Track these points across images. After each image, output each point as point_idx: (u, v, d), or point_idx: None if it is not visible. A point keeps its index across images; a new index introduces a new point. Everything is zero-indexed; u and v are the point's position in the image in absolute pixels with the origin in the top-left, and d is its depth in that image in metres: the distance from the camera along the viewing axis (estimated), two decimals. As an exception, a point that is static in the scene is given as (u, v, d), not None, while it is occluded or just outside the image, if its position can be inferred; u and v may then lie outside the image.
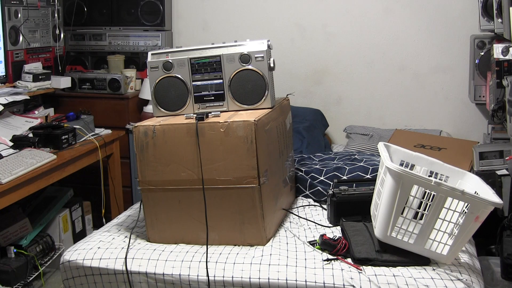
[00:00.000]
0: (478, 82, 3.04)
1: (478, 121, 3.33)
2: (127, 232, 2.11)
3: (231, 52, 2.08)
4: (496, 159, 2.50)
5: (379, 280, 1.70)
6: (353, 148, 3.14)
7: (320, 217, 2.23)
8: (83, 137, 2.85)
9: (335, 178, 2.39)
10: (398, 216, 1.75)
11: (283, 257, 1.84)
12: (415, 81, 3.40)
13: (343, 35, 3.46)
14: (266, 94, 2.07)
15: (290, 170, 2.39)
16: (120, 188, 3.22)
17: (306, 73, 3.56)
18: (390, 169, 1.71)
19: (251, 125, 1.88)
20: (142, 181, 1.99)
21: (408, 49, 3.37)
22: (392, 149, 2.02)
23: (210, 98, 2.11)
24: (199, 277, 1.81)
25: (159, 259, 1.89)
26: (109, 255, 1.92)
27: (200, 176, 1.93)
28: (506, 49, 2.18)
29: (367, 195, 2.08)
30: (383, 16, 3.37)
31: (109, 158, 3.09)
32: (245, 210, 1.94)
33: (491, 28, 2.69)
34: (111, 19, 3.60)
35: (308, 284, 1.73)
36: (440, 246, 1.75)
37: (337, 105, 3.55)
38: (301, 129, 3.10)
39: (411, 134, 3.12)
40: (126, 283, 1.87)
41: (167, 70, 2.11)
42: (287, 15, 3.52)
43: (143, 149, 1.97)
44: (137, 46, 3.56)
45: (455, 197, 1.69)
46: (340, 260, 1.82)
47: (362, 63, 3.46)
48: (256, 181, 1.90)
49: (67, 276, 1.95)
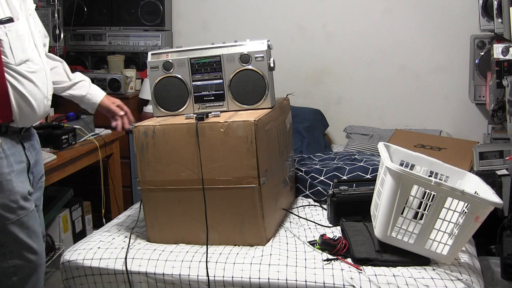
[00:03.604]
0: (478, 82, 3.04)
1: (478, 121, 3.33)
2: (127, 232, 2.11)
3: (231, 52, 2.08)
4: (496, 159, 2.50)
5: (379, 280, 1.70)
6: (353, 148, 3.14)
7: (320, 217, 2.23)
8: (83, 137, 2.85)
9: (335, 178, 2.39)
10: (398, 216, 1.75)
11: (283, 257, 1.84)
12: (415, 81, 3.40)
13: (343, 35, 3.46)
14: (266, 94, 2.07)
15: (290, 170, 2.39)
16: (120, 188, 3.22)
17: (306, 73, 3.56)
18: (390, 169, 1.71)
19: (251, 125, 1.88)
20: (142, 181, 1.99)
21: (408, 49, 3.37)
22: (392, 149, 2.02)
23: (210, 98, 2.11)
24: (199, 277, 1.81)
25: (159, 259, 1.89)
26: (109, 255, 1.92)
27: (200, 176, 1.93)
28: (506, 49, 2.18)
29: (367, 195, 2.08)
30: (383, 16, 3.37)
31: (109, 158, 3.09)
32: (245, 210, 1.94)
33: (491, 28, 2.69)
34: (111, 19, 3.60)
35: (308, 284, 1.73)
36: (440, 246, 1.75)
37: (337, 105, 3.56)
38: (301, 129, 3.11)
39: (411, 134, 3.12)
40: (126, 283, 1.87)
41: (167, 70, 2.11)
42: (287, 15, 3.52)
43: (143, 149, 1.97)
44: (137, 46, 3.56)
45: (455, 197, 1.69)
46: (340, 260, 1.82)
47: (362, 63, 3.46)
48: (256, 181, 1.90)
49: (67, 276, 1.95)
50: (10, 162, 1.81)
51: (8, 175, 1.80)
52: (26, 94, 1.81)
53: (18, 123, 1.84)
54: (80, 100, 2.20)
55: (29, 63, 1.82)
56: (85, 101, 2.20)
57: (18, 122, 1.83)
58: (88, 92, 2.19)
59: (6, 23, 1.75)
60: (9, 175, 1.80)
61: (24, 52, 1.80)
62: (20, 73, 1.79)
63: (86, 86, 2.20)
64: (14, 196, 1.80)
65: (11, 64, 1.76)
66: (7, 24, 1.75)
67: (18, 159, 1.85)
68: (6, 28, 1.74)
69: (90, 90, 2.20)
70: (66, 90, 2.17)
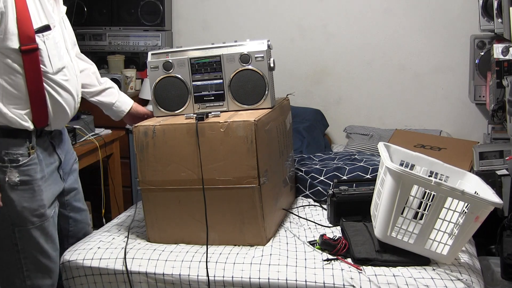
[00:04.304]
0: (478, 82, 3.05)
1: (478, 121, 3.33)
2: (127, 232, 2.11)
3: (231, 52, 2.08)
4: (496, 159, 2.50)
5: (379, 280, 1.70)
6: (353, 148, 3.14)
7: (320, 217, 2.23)
8: (83, 137, 2.85)
9: (335, 178, 2.39)
10: (398, 216, 1.75)
11: (283, 257, 1.84)
12: (415, 81, 3.40)
13: (343, 35, 3.46)
14: (266, 94, 2.07)
15: (290, 170, 2.39)
16: (120, 188, 3.22)
17: (306, 73, 3.56)
18: (390, 169, 1.71)
19: (251, 125, 1.88)
20: (142, 181, 1.99)
21: (408, 49, 3.37)
22: (392, 149, 2.02)
23: (210, 98, 2.11)
24: (199, 277, 1.81)
25: (159, 259, 1.89)
26: (109, 255, 1.92)
27: (200, 176, 1.93)
28: (506, 49, 2.18)
29: (367, 195, 2.08)
30: (383, 16, 3.37)
31: (109, 158, 3.09)
32: (245, 210, 1.94)
33: (491, 28, 2.69)
34: (111, 19, 3.60)
35: (308, 284, 1.73)
36: (440, 246, 1.75)
37: (337, 105, 3.56)
38: (301, 129, 3.11)
39: (411, 134, 3.12)
40: (126, 283, 1.87)
41: (167, 70, 2.11)
42: (287, 15, 3.52)
43: (143, 149, 1.97)
44: (137, 46, 3.56)
45: (455, 197, 1.69)
46: (340, 260, 1.82)
47: (362, 63, 3.46)
48: (256, 181, 1.90)
49: (67, 276, 1.95)
50: (42, 167, 1.88)
51: (40, 180, 1.86)
52: (61, 101, 1.86)
53: (52, 127, 1.90)
54: (108, 107, 2.20)
55: (65, 70, 1.86)
56: (113, 109, 2.20)
57: (51, 126, 1.89)
58: (118, 100, 2.20)
59: (44, 31, 1.76)
60: (41, 180, 1.87)
61: (61, 59, 1.83)
62: (56, 82, 1.82)
63: (116, 94, 2.20)
64: (41, 202, 1.87)
65: (49, 74, 1.79)
66: (45, 33, 1.76)
67: (49, 161, 1.93)
68: (44, 37, 1.75)
69: (120, 97, 2.21)
70: (95, 96, 2.17)
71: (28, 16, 1.71)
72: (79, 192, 2.16)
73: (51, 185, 1.93)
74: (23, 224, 1.84)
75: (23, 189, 1.82)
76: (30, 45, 1.71)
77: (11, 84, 1.74)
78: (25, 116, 1.79)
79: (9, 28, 1.67)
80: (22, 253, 1.87)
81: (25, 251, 1.88)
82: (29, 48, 1.71)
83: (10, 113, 1.76)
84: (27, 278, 1.90)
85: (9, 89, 1.74)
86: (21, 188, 1.81)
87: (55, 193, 1.96)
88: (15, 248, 1.86)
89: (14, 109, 1.77)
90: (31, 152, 1.83)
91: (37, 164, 1.85)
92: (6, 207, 1.81)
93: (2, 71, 1.72)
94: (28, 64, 1.73)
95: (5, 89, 1.74)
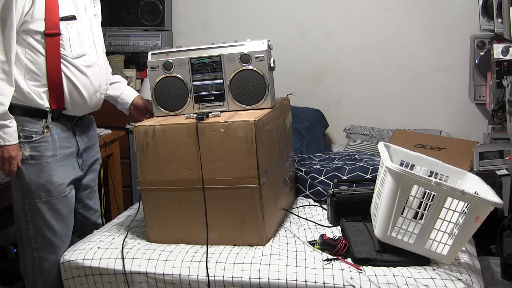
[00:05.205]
0: (478, 82, 3.05)
1: (478, 121, 3.33)
2: (127, 232, 2.11)
3: (231, 52, 2.08)
4: (496, 159, 2.50)
5: (379, 280, 1.70)
6: (353, 148, 3.14)
7: (320, 217, 2.23)
8: (83, 137, 2.84)
9: (335, 178, 2.39)
10: (398, 216, 1.75)
11: (283, 257, 1.84)
12: (415, 81, 3.40)
13: (343, 35, 3.46)
14: (266, 94, 2.07)
15: (290, 170, 2.39)
16: (120, 188, 3.22)
17: (306, 73, 3.56)
18: (390, 169, 1.71)
19: (251, 125, 1.88)
20: (142, 181, 2.00)
21: (408, 49, 3.37)
22: (392, 149, 2.02)
23: (210, 98, 2.11)
24: (199, 277, 1.81)
25: (159, 259, 1.89)
26: (109, 255, 1.92)
27: (200, 176, 1.93)
28: (506, 49, 2.18)
29: (367, 195, 2.08)
30: (383, 16, 3.37)
31: (109, 158, 3.09)
32: (245, 210, 1.94)
33: (491, 28, 2.69)
34: (111, 19, 3.59)
35: (308, 284, 1.73)
36: (440, 246, 1.75)
37: (337, 105, 3.56)
38: (301, 129, 3.10)
39: (411, 134, 3.12)
40: (126, 283, 1.87)
41: (167, 70, 2.11)
42: (287, 15, 3.52)
43: (143, 149, 1.97)
44: (137, 46, 3.56)
45: (455, 197, 1.69)
46: (340, 260, 1.82)
47: (362, 63, 3.46)
48: (256, 181, 1.90)
49: (67, 276, 1.95)
50: (55, 146, 2.02)
51: (49, 158, 2.00)
52: (78, 85, 2.01)
53: (70, 111, 2.05)
54: (115, 100, 2.32)
55: (85, 57, 2.02)
56: (119, 101, 2.32)
57: (70, 110, 2.05)
58: (122, 93, 2.32)
59: (69, 20, 1.96)
60: (50, 158, 2.01)
61: (81, 47, 2.01)
62: (75, 66, 1.99)
63: (121, 87, 2.33)
64: (49, 178, 2.00)
65: (68, 57, 1.97)
66: (70, 21, 1.96)
67: (66, 144, 2.07)
68: (68, 25, 1.95)
69: (125, 90, 2.33)
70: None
71: (56, 5, 1.92)
72: (94, 192, 2.29)
73: (65, 167, 2.05)
74: (30, 196, 2.00)
75: (32, 164, 1.98)
76: (54, 30, 1.92)
77: (33, 62, 1.93)
78: (42, 94, 1.96)
79: (37, 13, 1.88)
80: (31, 224, 2.03)
81: (34, 223, 2.03)
82: (53, 33, 1.92)
83: (27, 89, 1.93)
84: (34, 250, 2.05)
85: (30, 67, 1.93)
86: (30, 163, 1.98)
87: (70, 176, 2.08)
88: (25, 218, 2.03)
89: (33, 86, 1.94)
90: (45, 131, 1.99)
91: (49, 143, 2.00)
92: (18, 179, 2.00)
93: (27, 49, 1.91)
94: (50, 46, 1.92)
95: (27, 66, 1.92)
